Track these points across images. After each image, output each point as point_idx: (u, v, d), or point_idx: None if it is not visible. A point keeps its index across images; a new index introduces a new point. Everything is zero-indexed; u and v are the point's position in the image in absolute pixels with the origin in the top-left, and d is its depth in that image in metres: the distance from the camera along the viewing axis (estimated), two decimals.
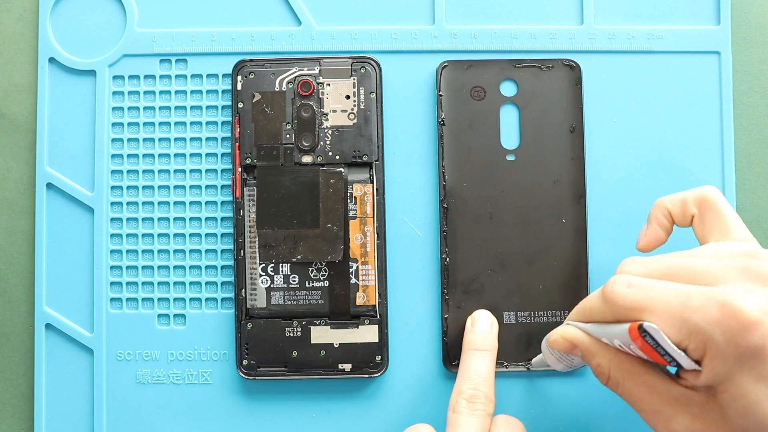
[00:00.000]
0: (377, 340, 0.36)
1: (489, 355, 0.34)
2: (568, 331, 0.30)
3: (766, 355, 0.25)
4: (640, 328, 0.25)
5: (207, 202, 0.38)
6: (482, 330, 0.35)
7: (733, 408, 0.26)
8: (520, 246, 0.37)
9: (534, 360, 0.36)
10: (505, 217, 0.37)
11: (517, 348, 0.37)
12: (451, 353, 0.37)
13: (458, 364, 0.37)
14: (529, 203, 0.37)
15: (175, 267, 0.38)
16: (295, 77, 0.37)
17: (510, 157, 0.37)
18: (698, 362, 0.26)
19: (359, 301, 0.36)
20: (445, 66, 0.38)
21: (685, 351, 0.26)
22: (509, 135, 0.38)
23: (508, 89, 0.38)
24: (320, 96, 0.37)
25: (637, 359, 0.28)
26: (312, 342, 0.36)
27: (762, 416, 0.25)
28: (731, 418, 0.26)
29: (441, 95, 0.37)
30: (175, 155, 0.38)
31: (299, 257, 0.36)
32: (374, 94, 0.37)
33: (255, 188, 0.36)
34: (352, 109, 0.37)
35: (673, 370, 0.28)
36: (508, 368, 0.37)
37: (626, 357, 0.28)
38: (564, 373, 0.37)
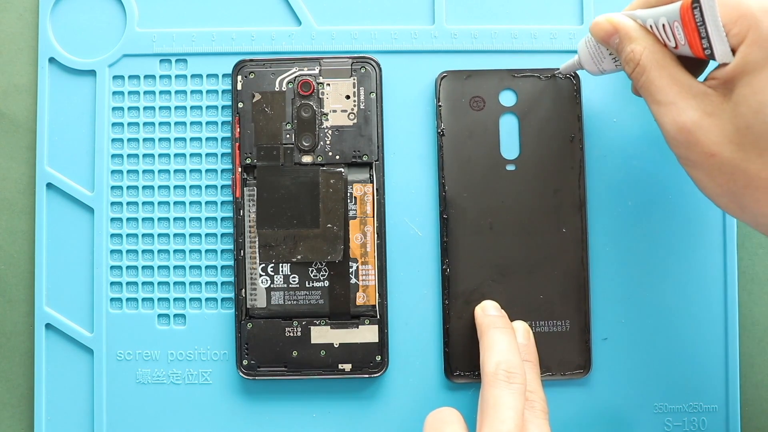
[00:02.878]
0: (377, 340, 0.36)
1: (512, 334, 0.34)
2: (614, 15, 0.31)
3: None
4: (695, 0, 0.26)
5: (207, 202, 0.38)
6: (496, 314, 0.36)
7: (748, 103, 0.26)
8: (520, 256, 0.37)
9: (564, 65, 0.36)
10: (505, 227, 0.37)
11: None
12: (452, 363, 0.37)
13: (460, 374, 0.37)
14: (529, 213, 0.37)
15: (175, 267, 0.38)
16: (295, 77, 0.37)
17: (510, 167, 0.37)
18: (733, 52, 0.27)
19: (359, 301, 0.36)
20: (444, 76, 0.37)
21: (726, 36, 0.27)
22: (509, 145, 0.38)
23: (507, 99, 0.38)
24: (320, 96, 0.37)
25: (669, 53, 0.29)
26: (312, 342, 0.36)
27: None
28: (741, 115, 0.27)
29: (440, 105, 0.37)
30: (175, 155, 0.38)
31: (299, 257, 0.36)
32: (374, 94, 0.37)
33: (255, 188, 0.36)
34: (352, 109, 0.37)
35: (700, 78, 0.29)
36: None
37: (660, 47, 0.29)
38: (566, 383, 0.37)
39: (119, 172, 0.38)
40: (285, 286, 0.36)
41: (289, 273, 0.37)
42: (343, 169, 0.36)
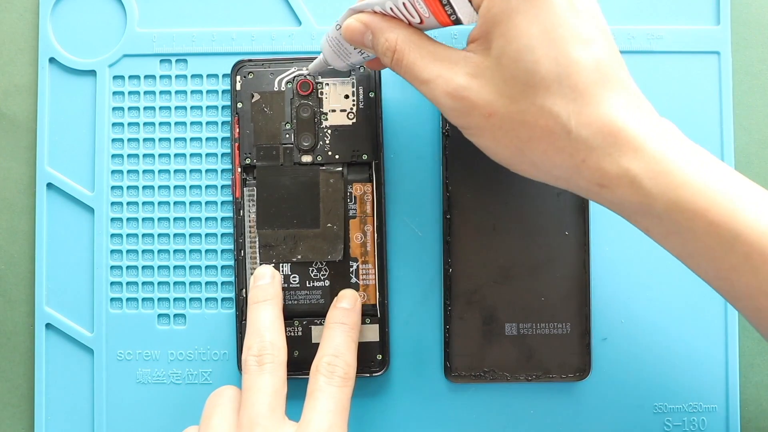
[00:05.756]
0: (378, 340, 0.36)
1: (270, 304, 0.34)
2: (360, 15, 0.30)
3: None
4: None
5: (207, 202, 0.38)
6: (263, 283, 0.35)
7: (506, 54, 0.26)
8: (522, 258, 0.37)
9: (311, 65, 0.35)
10: (508, 228, 0.37)
11: (519, 360, 0.37)
12: (452, 363, 0.37)
13: (460, 374, 0.37)
14: (532, 215, 0.37)
15: (175, 267, 0.38)
16: (294, 77, 0.37)
17: None
18: (477, 10, 0.27)
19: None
20: None
21: None
22: None
23: None
24: (319, 96, 0.37)
25: (422, 34, 0.29)
26: (312, 342, 0.36)
27: (531, 62, 0.26)
28: (504, 67, 0.27)
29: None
30: (175, 155, 0.38)
31: (299, 257, 0.36)
32: (374, 94, 0.37)
33: (255, 188, 0.36)
34: (352, 109, 0.37)
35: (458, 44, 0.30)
36: (510, 380, 0.37)
37: (411, 29, 0.29)
38: (564, 387, 0.37)
39: (119, 172, 0.38)
40: (285, 285, 0.36)
41: (289, 273, 0.37)
42: (342, 169, 0.36)
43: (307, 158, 0.36)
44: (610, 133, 0.26)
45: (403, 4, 0.28)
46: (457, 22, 0.28)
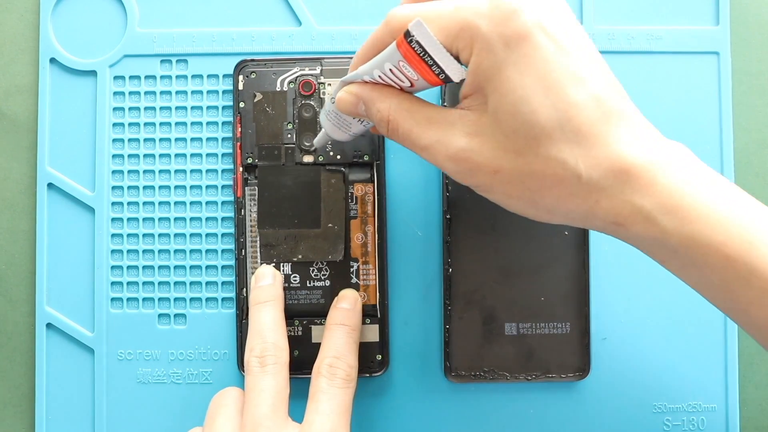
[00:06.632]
0: (378, 340, 0.37)
1: (272, 305, 0.34)
2: (350, 87, 0.29)
3: (529, 45, 0.25)
4: (407, 33, 0.26)
5: (207, 202, 0.38)
6: (265, 284, 0.35)
7: (503, 109, 0.26)
8: (522, 258, 0.37)
9: (316, 139, 0.35)
10: (507, 228, 0.37)
11: (519, 360, 0.37)
12: (452, 363, 0.37)
13: (460, 374, 0.37)
14: None
15: (175, 267, 0.38)
16: (297, 77, 0.37)
17: None
18: (467, 65, 0.27)
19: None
20: None
21: (455, 57, 0.26)
22: None
23: None
24: (321, 96, 0.37)
25: (414, 99, 0.28)
26: (313, 341, 0.36)
27: (529, 113, 0.25)
28: (504, 122, 0.26)
29: (446, 105, 0.37)
30: (176, 155, 0.38)
31: (300, 257, 0.36)
32: None
33: (256, 188, 0.36)
34: None
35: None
36: (510, 380, 0.37)
37: (405, 96, 0.28)
38: (564, 387, 0.37)
39: (120, 172, 0.38)
40: (286, 285, 0.36)
41: (290, 272, 0.37)
42: (344, 169, 0.37)
43: (308, 158, 0.37)
44: (620, 171, 0.25)
45: (390, 70, 0.27)
46: (447, 80, 0.27)
